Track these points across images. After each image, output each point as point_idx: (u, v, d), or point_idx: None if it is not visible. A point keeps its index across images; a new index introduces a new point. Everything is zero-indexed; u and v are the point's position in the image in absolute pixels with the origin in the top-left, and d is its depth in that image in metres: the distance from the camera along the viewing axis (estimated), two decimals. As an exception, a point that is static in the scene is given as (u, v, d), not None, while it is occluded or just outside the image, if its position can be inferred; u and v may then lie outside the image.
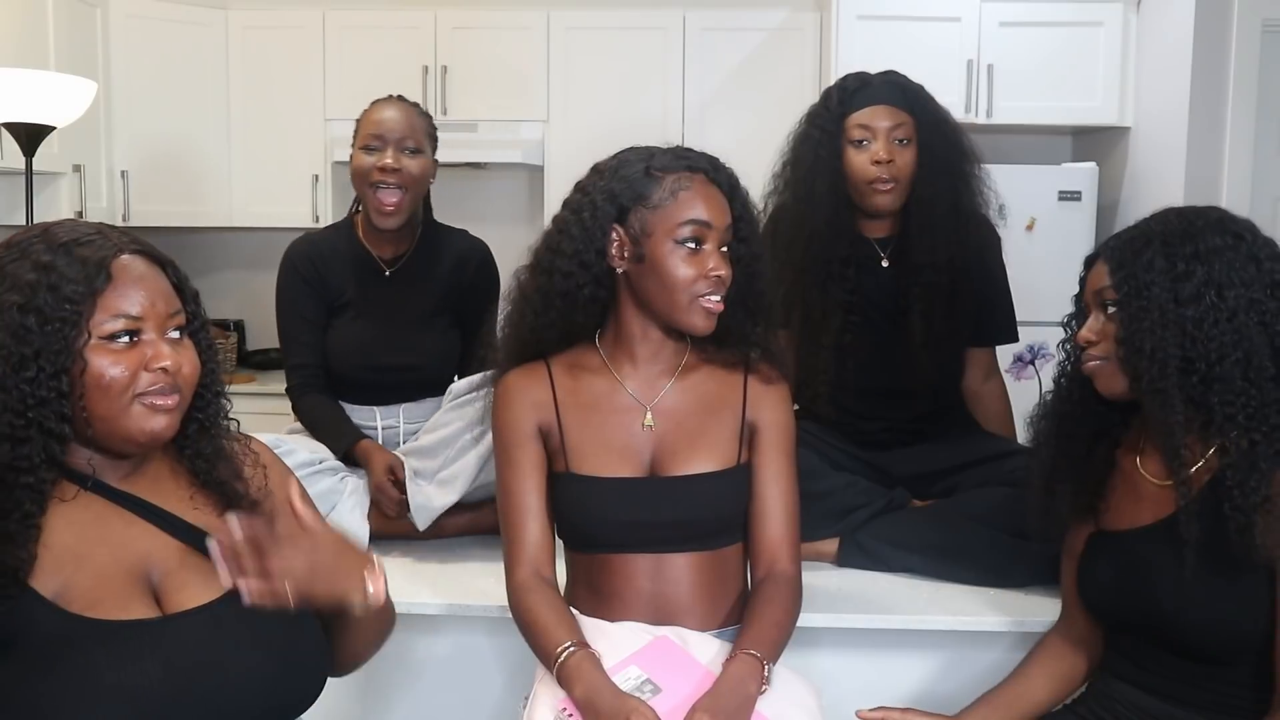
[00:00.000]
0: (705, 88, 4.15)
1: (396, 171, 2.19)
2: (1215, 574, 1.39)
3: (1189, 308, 1.38)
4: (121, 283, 1.17)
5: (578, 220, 1.55)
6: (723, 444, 1.58)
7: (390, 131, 2.21)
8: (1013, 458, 2.07)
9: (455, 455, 2.07)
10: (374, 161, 2.19)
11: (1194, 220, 1.44)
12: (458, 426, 2.08)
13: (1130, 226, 1.50)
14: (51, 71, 3.35)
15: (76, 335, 1.13)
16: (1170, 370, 1.38)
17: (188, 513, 1.25)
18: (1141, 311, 1.40)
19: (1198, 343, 1.38)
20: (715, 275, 1.52)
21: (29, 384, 1.11)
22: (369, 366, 2.26)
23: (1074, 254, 1.67)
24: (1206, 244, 1.40)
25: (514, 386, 1.60)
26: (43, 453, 1.12)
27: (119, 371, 1.15)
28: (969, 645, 1.83)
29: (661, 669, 1.44)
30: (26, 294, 1.12)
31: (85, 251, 1.16)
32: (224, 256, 4.56)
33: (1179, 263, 1.40)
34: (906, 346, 2.12)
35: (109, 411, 1.15)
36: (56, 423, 1.12)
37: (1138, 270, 1.42)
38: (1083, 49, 3.83)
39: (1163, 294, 1.39)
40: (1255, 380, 1.37)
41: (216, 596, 1.20)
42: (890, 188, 2.07)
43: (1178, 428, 1.39)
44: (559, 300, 1.57)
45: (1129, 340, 1.42)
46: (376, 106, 2.27)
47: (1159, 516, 1.47)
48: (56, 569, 1.13)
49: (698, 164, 1.56)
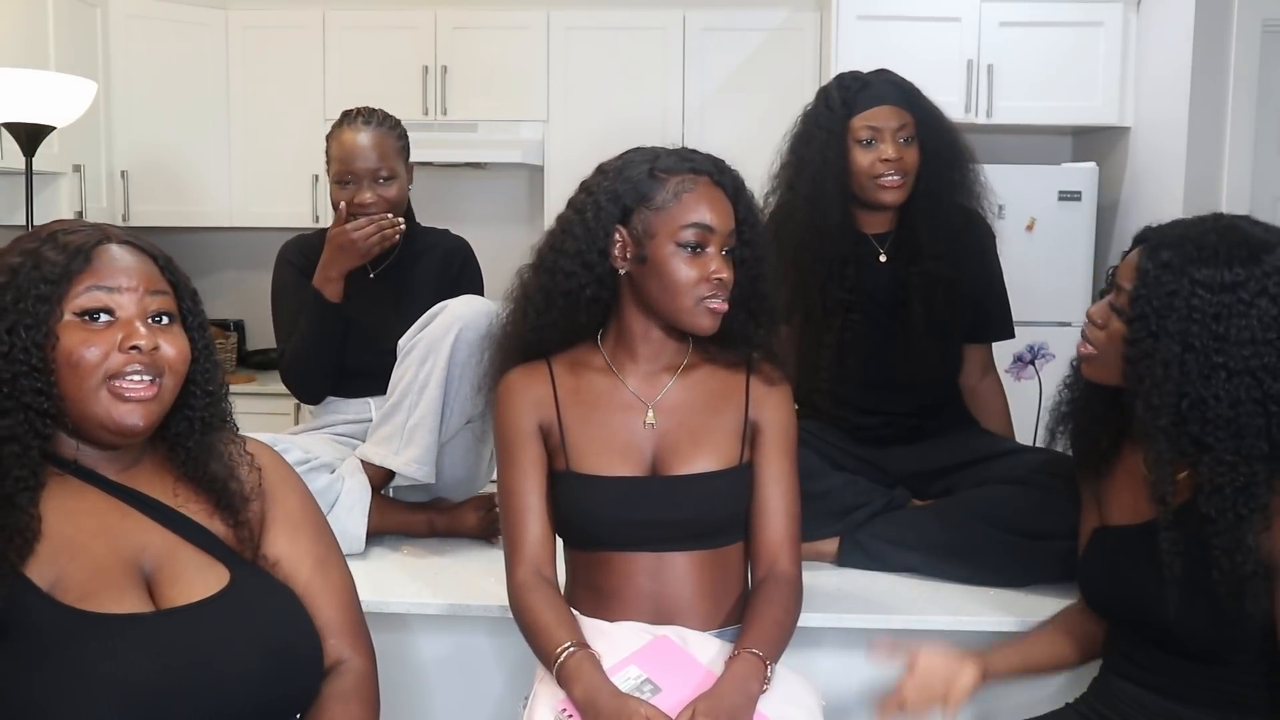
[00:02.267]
0: (705, 88, 4.15)
1: (373, 204, 2.24)
2: (1208, 573, 1.38)
3: (1193, 366, 1.35)
4: (100, 264, 1.20)
5: (581, 220, 1.55)
6: (724, 443, 1.58)
7: (360, 165, 2.24)
8: (1011, 456, 2.08)
9: (416, 400, 2.08)
10: (349, 196, 2.24)
11: (1235, 248, 1.37)
12: (409, 375, 2.09)
13: (1182, 225, 1.43)
14: (51, 71, 3.35)
15: (49, 312, 1.16)
16: (1162, 422, 1.38)
17: (184, 507, 1.26)
18: (1147, 351, 1.39)
19: (1195, 406, 1.36)
20: (717, 279, 1.52)
21: (3, 358, 1.14)
22: (360, 360, 2.28)
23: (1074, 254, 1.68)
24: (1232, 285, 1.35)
25: (515, 385, 1.60)
26: (25, 424, 1.14)
27: (88, 349, 1.17)
28: (969, 645, 1.82)
29: (661, 669, 1.44)
30: (9, 275, 1.17)
31: (71, 239, 1.20)
32: (223, 256, 4.56)
33: (1196, 314, 1.35)
34: (906, 337, 2.13)
35: (78, 393, 1.17)
36: (34, 397, 1.14)
37: (1155, 297, 1.38)
38: (1083, 49, 3.84)
39: (1171, 343, 1.37)
40: (1245, 455, 1.35)
41: (211, 592, 1.20)
42: (898, 183, 2.08)
43: (1164, 460, 1.39)
44: (561, 300, 1.57)
45: (1132, 365, 1.41)
46: (344, 133, 2.27)
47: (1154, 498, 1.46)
48: (52, 560, 1.14)
49: (702, 166, 1.55)
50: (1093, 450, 1.58)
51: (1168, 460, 1.39)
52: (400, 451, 2.09)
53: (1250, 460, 1.34)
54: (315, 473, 2.05)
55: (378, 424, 2.15)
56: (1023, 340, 2.45)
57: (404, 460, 2.08)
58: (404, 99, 4.08)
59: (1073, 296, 3.75)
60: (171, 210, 4.13)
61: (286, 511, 1.34)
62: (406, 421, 2.08)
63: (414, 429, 2.08)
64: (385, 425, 2.12)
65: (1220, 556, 1.35)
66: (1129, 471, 1.53)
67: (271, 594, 1.27)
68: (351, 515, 2.06)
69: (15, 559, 1.11)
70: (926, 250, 2.11)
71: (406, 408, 2.09)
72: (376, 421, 2.17)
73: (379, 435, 2.13)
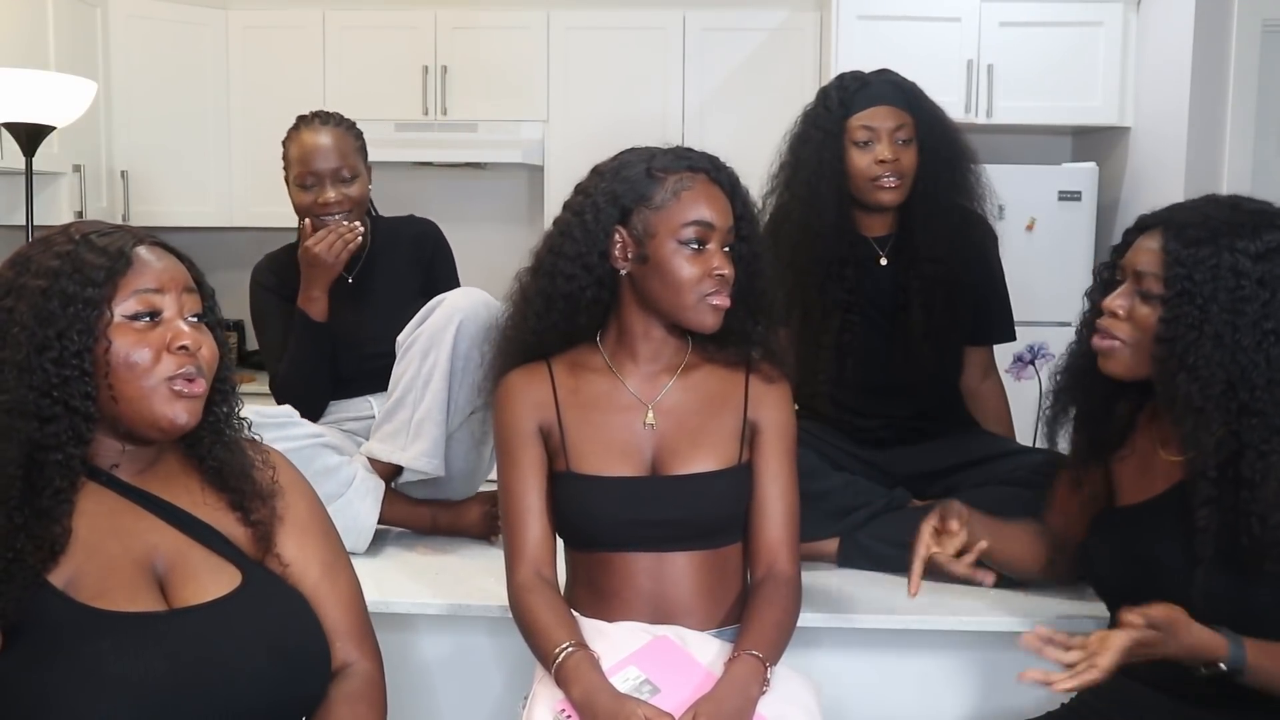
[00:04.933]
0: (705, 88, 4.15)
1: (339, 202, 2.24)
2: (1232, 544, 1.38)
3: (1245, 334, 1.35)
4: (141, 267, 1.21)
5: (580, 222, 1.55)
6: (724, 443, 1.58)
7: (322, 166, 2.24)
8: (1012, 457, 2.08)
9: (421, 394, 2.08)
10: (313, 198, 2.25)
11: (1255, 217, 1.38)
12: (411, 370, 2.09)
13: (1190, 207, 1.43)
14: (51, 71, 3.35)
15: (98, 316, 1.16)
16: (1212, 393, 1.36)
17: (198, 509, 1.26)
18: (1194, 325, 1.37)
19: (1246, 372, 1.35)
20: (719, 275, 1.52)
21: (53, 364, 1.14)
22: (351, 360, 2.29)
23: (1074, 254, 1.68)
24: (1266, 252, 1.35)
25: (515, 387, 1.60)
26: (69, 430, 1.14)
27: (142, 351, 1.18)
28: (969, 645, 1.83)
29: (660, 669, 1.44)
30: (50, 279, 1.16)
31: (106, 241, 1.20)
32: (224, 256, 4.52)
33: (1244, 280, 1.35)
34: (906, 341, 2.12)
35: (136, 392, 1.18)
36: (81, 401, 1.15)
37: (1196, 273, 1.37)
38: (1083, 49, 3.84)
39: (1221, 314, 1.36)
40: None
41: (224, 593, 1.21)
42: (896, 184, 2.08)
43: (1208, 435, 1.37)
44: (561, 302, 1.57)
45: (1170, 345, 1.39)
46: (303, 135, 2.28)
47: (1170, 485, 1.46)
48: (67, 558, 1.14)
49: (699, 164, 1.56)
50: (1105, 434, 1.57)
51: (1212, 435, 1.37)
52: (408, 446, 2.08)
53: None
54: (326, 450, 2.05)
55: (381, 421, 2.15)
56: (1023, 340, 2.44)
57: (412, 455, 2.08)
58: (404, 99, 4.07)
59: (1073, 296, 3.66)
60: (171, 210, 4.13)
61: (295, 515, 1.34)
62: (412, 416, 2.08)
63: (420, 423, 2.08)
64: (389, 422, 2.12)
65: (1254, 521, 1.35)
66: (1137, 451, 1.52)
67: (283, 596, 1.27)
68: (365, 503, 2.06)
69: (40, 569, 1.12)
70: (925, 253, 2.10)
71: (411, 403, 2.08)
72: (379, 419, 2.16)
73: (384, 432, 2.13)
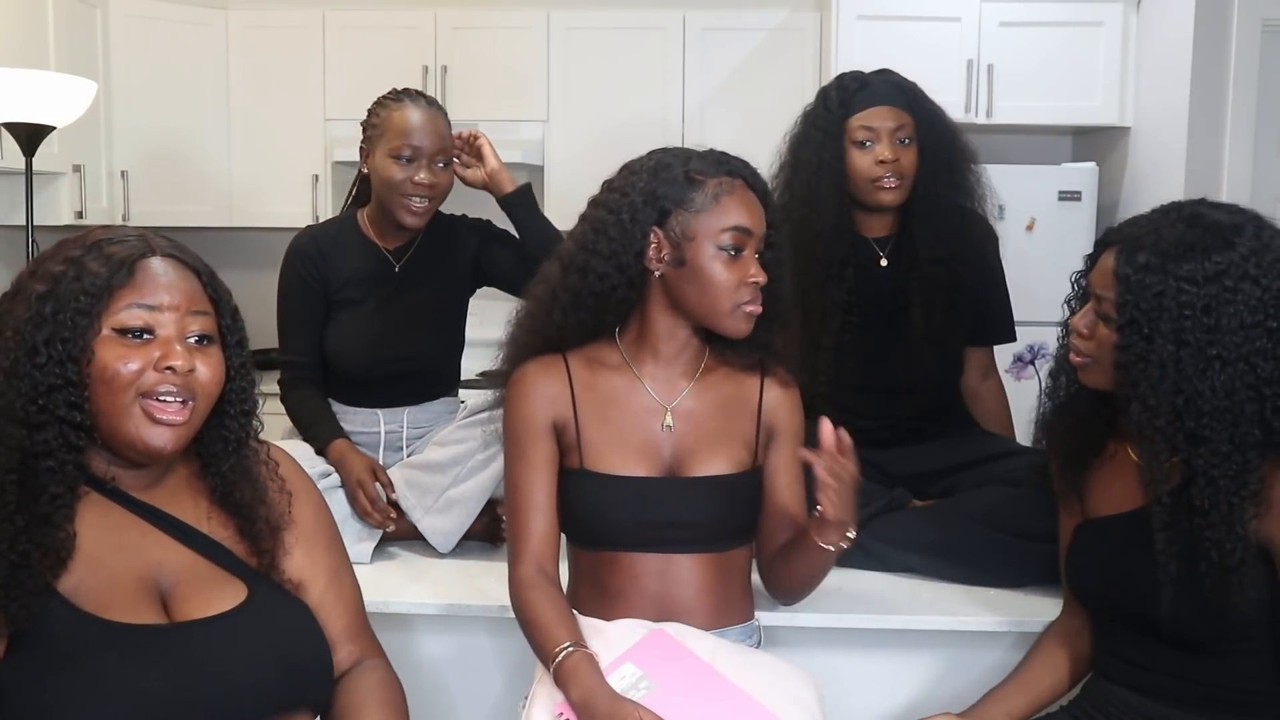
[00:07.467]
0: (705, 88, 4.15)
1: (431, 185, 2.16)
2: (1198, 564, 1.38)
3: (1188, 363, 1.35)
4: (143, 279, 1.18)
5: (616, 221, 1.53)
6: (739, 446, 1.58)
7: (425, 145, 2.14)
8: (1012, 458, 2.08)
9: (466, 474, 2.05)
10: (408, 175, 2.13)
11: (1206, 237, 1.37)
12: (470, 445, 2.06)
13: (1145, 223, 1.43)
14: (51, 71, 3.35)
15: (88, 326, 1.14)
16: (1158, 422, 1.37)
17: (203, 524, 1.25)
18: (1141, 356, 1.38)
19: (1191, 401, 1.35)
20: (754, 282, 1.52)
21: (39, 370, 1.12)
22: (372, 360, 2.21)
23: (1074, 254, 1.67)
24: (1215, 275, 1.35)
25: (531, 379, 1.58)
26: (59, 439, 1.13)
27: (124, 366, 1.14)
28: (969, 645, 1.83)
29: (657, 664, 1.43)
30: (50, 284, 1.15)
31: (115, 249, 1.18)
32: (224, 256, 4.52)
33: (1187, 311, 1.35)
34: (906, 343, 2.12)
35: (110, 408, 1.15)
36: (68, 410, 1.13)
37: (1143, 301, 1.37)
38: (1083, 49, 3.83)
39: (1165, 344, 1.36)
40: (1239, 444, 1.35)
41: (229, 608, 1.20)
42: (896, 185, 2.08)
43: (1160, 459, 1.39)
44: (591, 300, 1.55)
45: (1125, 371, 1.40)
46: (405, 110, 2.17)
47: (1144, 501, 1.46)
48: (71, 570, 1.13)
49: (737, 169, 1.55)
50: (1083, 447, 1.57)
51: (1164, 459, 1.39)
52: (430, 514, 2.05)
53: (1243, 449, 1.35)
54: (336, 488, 2.03)
55: (417, 461, 2.11)
56: (1023, 340, 2.44)
57: (431, 526, 2.05)
58: (404, 99, 4.07)
59: (1073, 297, 3.74)
60: (171, 210, 4.12)
61: (303, 524, 1.33)
62: (449, 489, 2.05)
63: (453, 502, 2.05)
64: (425, 473, 2.08)
65: (1210, 548, 1.35)
66: (1115, 463, 1.53)
67: (287, 609, 1.26)
68: (365, 525, 2.04)
69: (50, 577, 1.11)
70: (926, 254, 2.10)
71: (455, 475, 2.05)
72: (418, 456, 2.13)
73: (413, 477, 2.08)
